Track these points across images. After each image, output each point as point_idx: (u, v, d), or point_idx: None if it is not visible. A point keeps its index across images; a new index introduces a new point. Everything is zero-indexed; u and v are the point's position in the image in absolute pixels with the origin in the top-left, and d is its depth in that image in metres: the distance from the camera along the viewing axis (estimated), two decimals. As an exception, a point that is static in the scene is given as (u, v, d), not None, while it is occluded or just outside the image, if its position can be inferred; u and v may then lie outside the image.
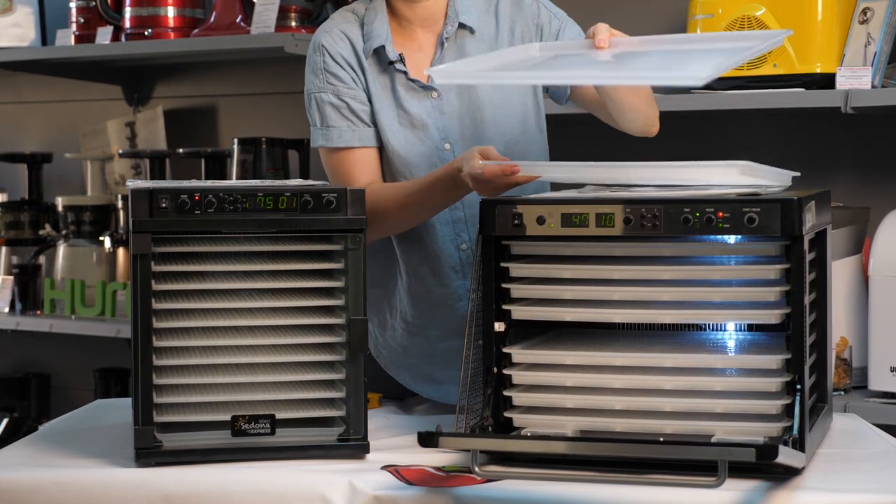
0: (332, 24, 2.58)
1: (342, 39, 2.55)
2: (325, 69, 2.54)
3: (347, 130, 2.53)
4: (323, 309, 2.20)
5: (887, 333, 2.90)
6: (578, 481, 1.97)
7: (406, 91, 2.53)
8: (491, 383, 2.15)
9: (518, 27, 2.56)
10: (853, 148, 3.38)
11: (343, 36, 2.55)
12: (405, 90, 2.53)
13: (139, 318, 2.12)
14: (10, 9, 4.36)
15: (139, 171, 4.50)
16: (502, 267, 2.15)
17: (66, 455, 2.21)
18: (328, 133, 2.53)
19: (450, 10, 2.54)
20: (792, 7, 3.08)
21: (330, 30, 2.56)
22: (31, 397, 4.54)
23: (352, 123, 2.53)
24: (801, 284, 2.03)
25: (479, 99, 2.53)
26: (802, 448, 1.98)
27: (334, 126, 2.53)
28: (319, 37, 2.57)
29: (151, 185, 2.19)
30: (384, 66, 2.53)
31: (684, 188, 2.13)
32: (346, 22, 2.57)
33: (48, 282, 4.26)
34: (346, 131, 2.53)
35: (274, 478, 2.06)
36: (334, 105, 2.53)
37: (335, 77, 2.53)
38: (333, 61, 2.53)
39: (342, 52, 2.54)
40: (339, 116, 2.53)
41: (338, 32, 2.55)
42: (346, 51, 2.54)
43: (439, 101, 2.53)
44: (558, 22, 2.58)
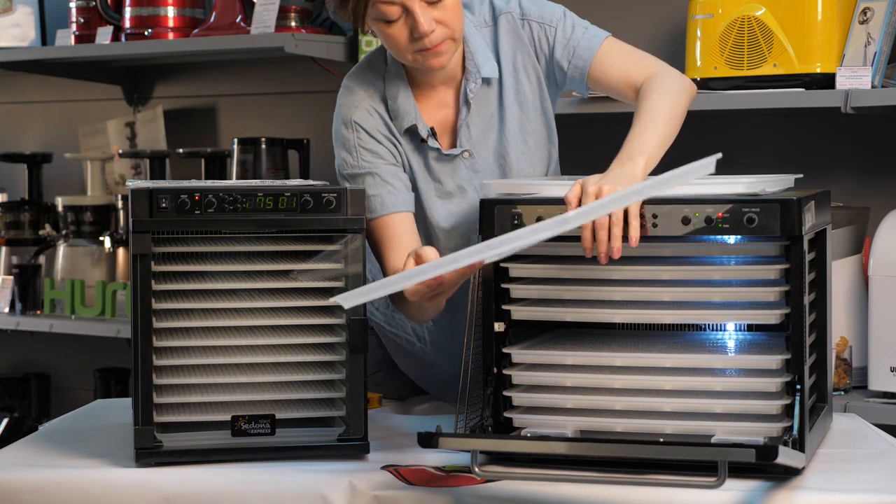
0: (356, 98, 2.46)
1: (373, 116, 2.45)
2: (359, 146, 2.43)
3: (389, 196, 2.41)
4: (323, 309, 2.20)
5: (887, 333, 2.90)
6: (578, 482, 1.97)
7: (439, 162, 2.46)
8: (491, 383, 2.15)
9: (519, 59, 2.49)
10: (853, 148, 3.38)
11: (374, 111, 2.45)
12: (437, 161, 2.46)
13: (139, 318, 2.12)
14: (10, 9, 4.36)
15: (139, 171, 4.50)
16: (502, 267, 2.15)
17: (67, 455, 2.21)
18: (369, 203, 2.39)
19: (468, 65, 2.45)
20: (792, 7, 3.08)
21: (358, 105, 2.45)
22: (31, 397, 4.54)
23: (392, 187, 2.42)
24: (801, 284, 2.03)
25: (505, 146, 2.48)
26: (802, 448, 1.98)
27: (373, 195, 2.40)
28: (349, 112, 2.45)
29: (151, 185, 2.19)
30: (416, 142, 2.46)
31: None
32: (369, 97, 2.46)
33: (48, 282, 4.26)
34: (387, 197, 2.41)
35: (274, 478, 2.06)
36: (373, 174, 2.42)
37: (371, 153, 2.43)
38: (369, 136, 2.43)
39: (378, 127, 2.44)
40: (380, 183, 2.41)
41: (368, 108, 2.44)
42: (381, 125, 2.45)
43: (472, 160, 2.47)
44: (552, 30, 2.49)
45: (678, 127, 2.34)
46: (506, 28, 2.49)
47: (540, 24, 2.49)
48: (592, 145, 2.93)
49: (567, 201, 2.09)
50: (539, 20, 2.50)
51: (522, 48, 2.49)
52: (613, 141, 2.32)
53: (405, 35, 2.33)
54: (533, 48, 2.50)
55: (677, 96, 2.36)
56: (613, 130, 2.54)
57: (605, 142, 2.48)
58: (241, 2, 3.90)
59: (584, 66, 2.47)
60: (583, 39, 2.48)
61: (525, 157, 2.49)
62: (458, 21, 2.36)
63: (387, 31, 2.33)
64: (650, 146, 2.21)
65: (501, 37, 2.49)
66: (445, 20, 2.33)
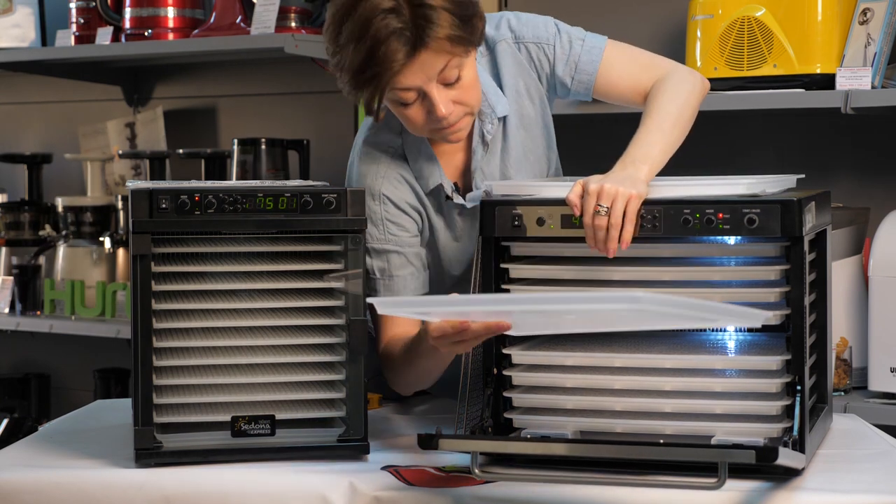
0: (381, 167, 2.39)
1: (402, 183, 2.39)
2: (387, 219, 2.38)
3: (412, 279, 2.39)
4: (323, 309, 2.20)
5: (887, 334, 2.90)
6: (578, 483, 1.97)
7: (459, 214, 2.42)
8: (491, 384, 2.15)
9: (521, 84, 2.44)
10: (853, 148, 3.38)
11: (401, 180, 2.39)
12: (458, 214, 2.42)
13: (139, 319, 2.12)
14: (10, 9, 4.36)
15: (139, 171, 4.50)
16: (502, 268, 2.15)
17: (66, 456, 2.21)
18: (392, 284, 2.37)
19: (483, 107, 2.39)
20: (792, 7, 3.08)
21: (384, 174, 2.38)
22: (31, 398, 4.53)
23: (416, 270, 2.39)
24: (801, 285, 2.03)
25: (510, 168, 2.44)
26: (802, 449, 1.98)
27: (398, 275, 2.38)
28: (376, 184, 2.38)
29: (151, 185, 2.19)
30: (441, 198, 2.40)
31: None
32: (393, 162, 2.40)
33: (48, 282, 4.26)
34: (410, 280, 2.39)
35: (274, 478, 2.06)
36: (400, 253, 2.38)
37: (398, 227, 2.38)
38: (397, 209, 2.38)
39: (406, 199, 2.38)
40: (405, 263, 2.38)
41: (396, 176, 2.38)
42: (409, 195, 2.39)
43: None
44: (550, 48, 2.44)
45: (688, 128, 2.31)
46: (504, 55, 2.43)
47: (537, 45, 2.44)
48: (593, 145, 2.93)
49: (568, 201, 2.08)
50: (535, 41, 2.44)
51: (524, 72, 2.44)
52: (615, 141, 2.32)
53: (422, 116, 2.27)
54: (534, 70, 2.45)
55: (687, 96, 2.33)
56: (615, 130, 2.54)
57: (607, 142, 2.48)
58: (241, 2, 3.90)
59: (588, 80, 2.43)
60: (583, 53, 2.43)
61: (525, 169, 2.47)
62: (476, 96, 2.30)
63: (404, 112, 2.28)
64: (655, 151, 2.19)
65: (502, 65, 2.43)
66: (463, 99, 2.26)
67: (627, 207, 2.04)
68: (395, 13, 2.15)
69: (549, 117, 2.50)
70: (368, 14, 2.16)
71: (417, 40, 2.17)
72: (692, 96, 2.35)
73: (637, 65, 2.43)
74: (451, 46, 2.19)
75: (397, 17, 2.15)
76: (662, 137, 2.23)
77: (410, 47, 2.17)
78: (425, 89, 2.23)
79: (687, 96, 2.33)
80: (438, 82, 2.23)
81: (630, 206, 2.04)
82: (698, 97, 2.37)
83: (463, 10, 2.21)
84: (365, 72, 2.18)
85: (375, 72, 2.18)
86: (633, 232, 2.05)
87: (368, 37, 2.16)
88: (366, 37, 2.16)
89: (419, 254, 2.40)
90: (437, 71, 2.21)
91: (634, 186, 2.06)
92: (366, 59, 2.17)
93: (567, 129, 2.63)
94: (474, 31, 2.24)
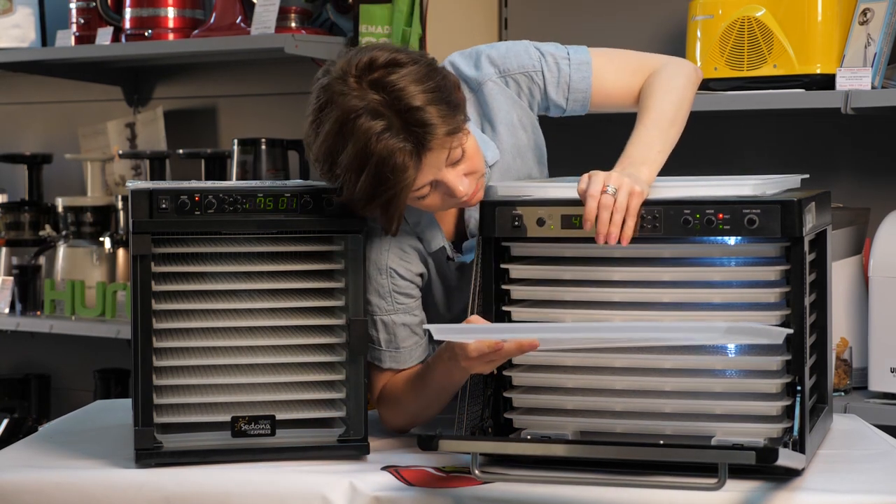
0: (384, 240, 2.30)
1: (407, 252, 2.32)
2: (394, 291, 2.31)
3: (417, 348, 2.34)
4: (323, 310, 2.20)
5: (887, 334, 2.90)
6: (578, 483, 1.97)
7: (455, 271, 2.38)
8: (491, 384, 2.15)
9: (515, 116, 2.38)
10: (853, 148, 3.38)
11: (407, 247, 2.32)
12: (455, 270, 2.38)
13: (139, 319, 2.12)
14: (10, 9, 4.36)
15: (139, 171, 4.50)
16: (502, 268, 2.15)
17: (67, 456, 2.21)
18: (399, 356, 2.31)
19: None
20: (792, 8, 3.08)
21: (390, 247, 2.30)
22: (31, 398, 4.54)
23: (419, 339, 2.34)
24: (802, 286, 2.03)
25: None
26: (803, 449, 1.98)
27: (405, 347, 2.33)
28: (381, 258, 2.30)
29: (151, 185, 2.19)
30: (441, 261, 2.36)
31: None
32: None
33: (48, 283, 4.26)
34: (415, 349, 2.34)
35: (274, 479, 2.06)
36: (407, 324, 2.33)
37: (406, 296, 2.33)
38: (404, 280, 2.31)
39: (411, 269, 2.32)
40: (410, 334, 2.33)
41: (401, 247, 2.32)
42: (416, 263, 2.33)
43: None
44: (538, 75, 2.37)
45: (684, 122, 2.29)
46: (494, 94, 2.37)
47: (524, 75, 2.37)
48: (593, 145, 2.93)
49: (578, 191, 2.07)
50: (521, 70, 2.37)
51: (515, 105, 2.38)
52: (613, 140, 2.32)
53: (440, 200, 2.21)
54: (525, 100, 2.39)
55: (681, 90, 2.31)
56: (613, 130, 2.54)
57: (606, 142, 2.48)
58: (241, 3, 3.90)
59: (584, 98, 2.38)
60: (573, 72, 2.37)
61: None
62: (480, 159, 2.25)
63: (421, 203, 2.23)
64: (653, 153, 2.18)
65: (491, 105, 2.37)
66: (472, 168, 2.21)
67: (630, 201, 2.04)
68: (389, 130, 2.09)
69: (540, 138, 2.45)
70: (363, 139, 2.09)
71: (420, 148, 2.11)
72: (686, 90, 2.32)
73: (628, 70, 2.39)
74: (451, 137, 2.15)
75: (392, 133, 2.09)
76: (660, 136, 2.22)
77: (416, 158, 2.11)
78: (438, 178, 2.18)
79: (681, 90, 2.31)
80: (447, 167, 2.18)
81: (633, 201, 2.04)
82: (692, 89, 2.34)
83: (446, 96, 2.14)
84: (379, 196, 2.12)
85: (390, 193, 2.12)
86: (634, 231, 2.05)
87: (373, 164, 2.09)
88: (369, 164, 2.09)
89: (422, 321, 2.36)
90: (444, 162, 2.16)
91: (637, 183, 2.06)
92: (375, 184, 2.11)
93: (566, 128, 2.63)
94: (461, 108, 2.18)
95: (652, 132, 2.22)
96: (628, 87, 2.38)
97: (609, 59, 2.40)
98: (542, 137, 2.47)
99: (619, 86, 2.39)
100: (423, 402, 2.29)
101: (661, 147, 2.20)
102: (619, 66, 2.40)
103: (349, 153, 2.10)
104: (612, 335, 2.03)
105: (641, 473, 1.98)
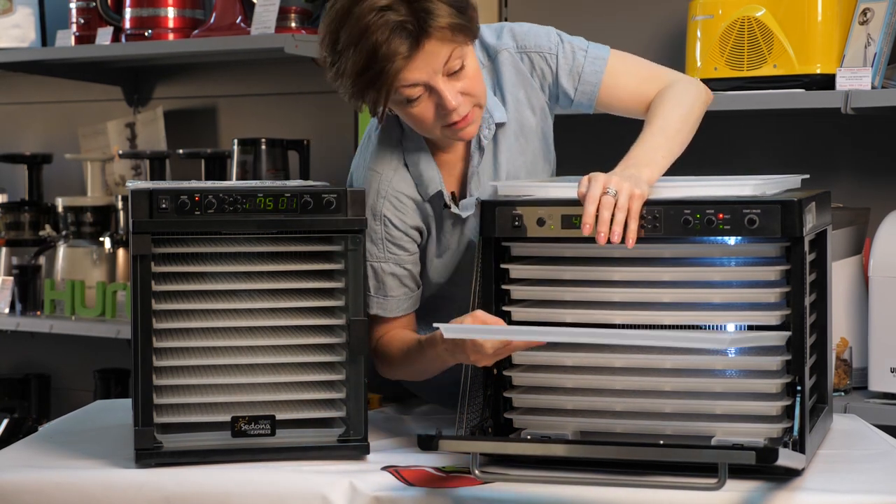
0: (385, 182, 2.36)
1: (403, 202, 2.36)
2: (386, 239, 2.35)
3: (405, 300, 2.38)
4: (323, 310, 2.20)
5: (887, 334, 2.90)
6: (578, 483, 1.97)
7: (451, 223, 2.40)
8: (491, 385, 2.15)
9: (522, 94, 2.42)
10: (853, 148, 3.38)
11: (402, 197, 2.36)
12: (451, 222, 2.40)
13: (139, 319, 2.12)
14: (10, 9, 4.36)
15: (139, 171, 4.50)
16: (502, 268, 2.15)
17: (67, 456, 2.21)
18: (386, 303, 2.36)
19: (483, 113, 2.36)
20: (792, 8, 3.08)
21: (386, 194, 2.35)
22: (31, 398, 4.53)
23: (409, 290, 2.38)
24: (802, 286, 2.03)
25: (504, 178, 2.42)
26: (803, 449, 1.98)
27: (392, 296, 2.37)
28: (378, 204, 2.35)
29: (151, 185, 2.19)
30: (438, 207, 2.38)
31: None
32: (394, 171, 2.36)
33: (48, 282, 4.26)
34: (403, 301, 2.38)
35: (274, 479, 2.06)
36: (396, 275, 2.36)
37: (398, 247, 2.36)
38: (398, 230, 2.35)
39: (406, 220, 2.36)
40: (399, 285, 2.37)
41: (396, 195, 2.35)
42: (411, 214, 2.37)
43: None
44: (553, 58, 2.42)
45: (690, 136, 2.31)
46: (506, 65, 2.42)
47: (539, 55, 2.42)
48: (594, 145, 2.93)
49: (578, 195, 2.08)
50: (537, 50, 2.42)
51: (525, 82, 2.42)
52: (616, 141, 2.32)
53: (431, 112, 2.24)
54: (536, 80, 2.43)
55: (691, 105, 2.33)
56: (615, 130, 2.54)
57: (608, 142, 2.49)
58: (241, 3, 3.90)
59: (591, 90, 2.41)
60: (587, 64, 2.41)
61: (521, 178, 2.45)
62: (482, 87, 2.28)
63: (411, 111, 2.25)
64: (658, 156, 2.19)
65: (503, 74, 2.42)
66: (469, 89, 2.24)
67: (632, 204, 2.04)
68: (392, 10, 2.15)
69: (549, 128, 2.48)
70: (365, 14, 2.16)
71: (420, 31, 2.16)
72: (695, 106, 2.34)
73: (640, 76, 2.42)
74: (453, 35, 2.19)
75: (395, 12, 2.15)
76: (665, 142, 2.23)
77: (413, 40, 2.16)
78: (432, 83, 2.21)
79: (691, 105, 2.33)
80: (444, 74, 2.22)
81: (634, 204, 2.04)
82: (702, 107, 2.37)
83: (458, 2, 2.21)
84: (368, 71, 2.17)
85: (379, 69, 2.16)
86: (638, 232, 2.05)
87: (368, 35, 2.15)
88: (365, 36, 2.15)
89: (414, 275, 2.39)
90: (441, 62, 2.20)
91: (638, 186, 2.06)
92: (368, 58, 2.16)
93: (567, 128, 2.63)
94: (472, 20, 2.24)
95: (657, 138, 2.23)
96: (637, 91, 2.40)
97: (624, 63, 2.43)
98: (551, 129, 2.49)
99: (628, 88, 2.41)
100: (413, 374, 2.36)
101: (665, 153, 2.21)
102: (633, 70, 2.43)
103: (350, 26, 2.17)
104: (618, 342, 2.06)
105: (641, 473, 1.98)
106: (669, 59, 2.98)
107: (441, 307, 2.43)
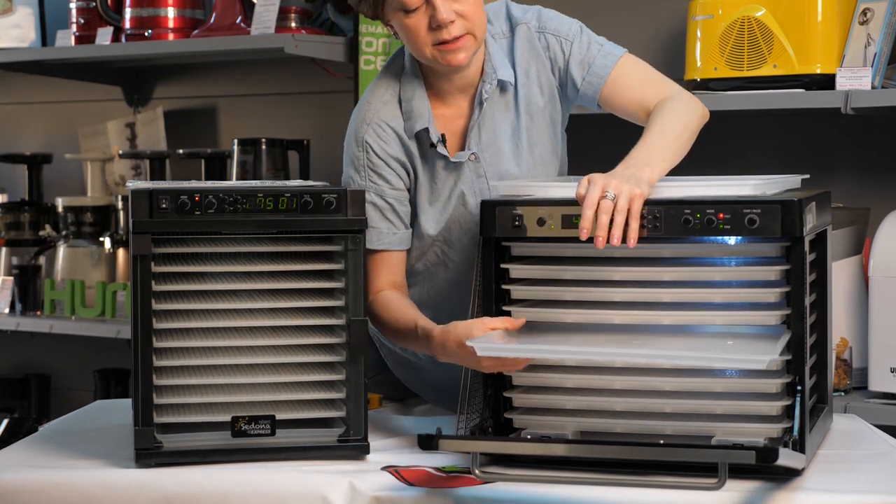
0: (372, 112, 2.43)
1: (386, 131, 2.42)
2: (368, 167, 2.41)
3: (388, 234, 2.41)
4: (323, 310, 2.20)
5: (887, 334, 2.90)
6: (578, 483, 1.97)
7: (445, 170, 2.43)
8: (491, 385, 2.15)
9: (533, 69, 2.47)
10: (853, 148, 3.38)
11: (386, 127, 2.42)
12: (444, 169, 2.43)
13: (139, 319, 2.12)
14: (10, 9, 4.36)
15: (139, 171, 4.50)
16: (502, 268, 2.15)
17: (67, 456, 2.21)
18: (368, 234, 2.33)
19: (486, 67, 2.43)
20: (792, 8, 3.08)
21: (370, 121, 2.42)
22: (31, 398, 4.53)
23: (392, 225, 2.42)
24: (802, 285, 2.03)
25: (511, 154, 2.46)
26: (803, 449, 1.98)
27: (374, 227, 2.39)
28: (361, 130, 2.43)
29: (151, 185, 2.19)
30: (425, 146, 2.43)
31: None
32: (384, 104, 2.43)
33: (48, 282, 4.26)
34: (385, 234, 2.41)
35: (274, 479, 2.06)
36: (376, 206, 2.40)
37: (379, 176, 2.41)
38: (379, 159, 2.41)
39: (387, 150, 2.41)
40: (381, 217, 2.41)
41: (380, 124, 2.42)
42: (393, 145, 2.42)
43: (476, 164, 2.43)
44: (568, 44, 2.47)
45: (687, 147, 2.33)
46: (522, 38, 2.47)
47: (556, 38, 2.47)
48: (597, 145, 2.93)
49: (577, 195, 2.08)
50: (555, 33, 2.48)
51: (538, 59, 2.47)
52: (619, 141, 2.32)
53: (424, 25, 2.32)
54: (549, 60, 2.48)
55: (689, 118, 2.36)
56: (619, 130, 2.54)
57: (611, 142, 2.48)
58: (241, 3, 3.90)
59: (598, 82, 2.45)
60: (598, 56, 2.46)
61: (528, 167, 2.47)
62: (479, 18, 2.35)
63: (406, 21, 2.33)
64: (658, 158, 2.20)
65: (518, 47, 2.47)
66: (466, 13, 2.32)
67: (632, 205, 2.04)
68: None
69: (557, 115, 2.51)
70: None
71: None
72: (693, 120, 2.38)
73: (646, 81, 2.46)
74: None
75: None
76: (665, 146, 2.25)
77: None
78: None
79: (689, 118, 2.37)
80: None
81: (634, 204, 2.04)
82: (699, 122, 2.40)
83: None
84: None
85: None
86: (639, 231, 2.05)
87: None
88: None
89: (398, 211, 2.43)
90: None
91: (638, 186, 2.07)
92: None
93: (571, 128, 2.63)
94: None
95: (658, 141, 2.26)
96: (641, 94, 2.44)
97: (635, 65, 2.48)
98: (559, 118, 2.52)
99: (633, 88, 2.45)
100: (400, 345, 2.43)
101: (665, 155, 2.23)
102: (641, 74, 2.47)
103: None
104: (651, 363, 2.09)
105: (641, 473, 1.98)
106: (669, 59, 2.98)
107: (437, 274, 2.48)
